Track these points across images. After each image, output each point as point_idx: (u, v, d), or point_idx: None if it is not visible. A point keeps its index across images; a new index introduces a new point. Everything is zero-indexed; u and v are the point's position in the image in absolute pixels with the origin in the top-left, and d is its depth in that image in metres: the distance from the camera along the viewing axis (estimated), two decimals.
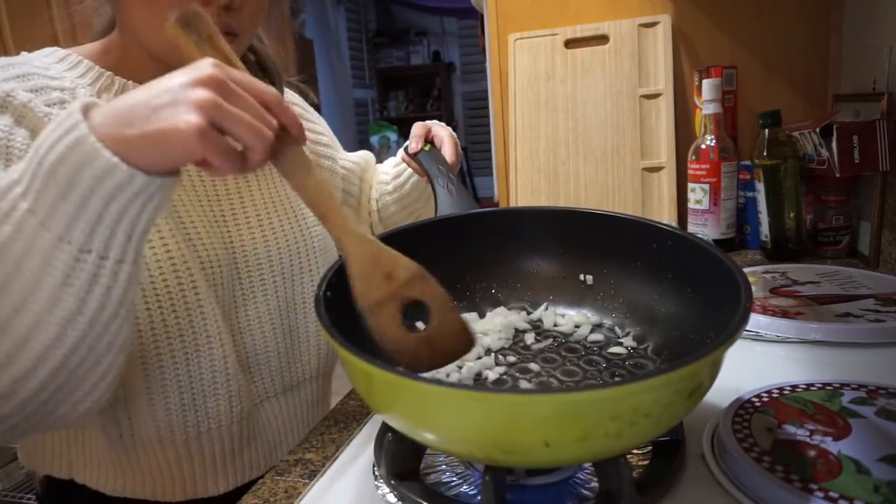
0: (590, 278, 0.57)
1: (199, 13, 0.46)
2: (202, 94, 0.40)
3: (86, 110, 0.41)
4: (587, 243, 0.58)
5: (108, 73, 0.63)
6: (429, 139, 0.79)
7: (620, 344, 0.55)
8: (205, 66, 0.41)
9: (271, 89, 0.44)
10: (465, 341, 0.49)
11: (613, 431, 0.36)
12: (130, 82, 0.64)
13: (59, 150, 0.40)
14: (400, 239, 0.57)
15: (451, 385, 0.36)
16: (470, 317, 0.59)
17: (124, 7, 0.60)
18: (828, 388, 0.54)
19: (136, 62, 0.64)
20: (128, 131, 0.40)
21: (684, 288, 0.52)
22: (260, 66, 0.76)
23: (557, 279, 0.59)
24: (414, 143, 0.79)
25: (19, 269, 0.41)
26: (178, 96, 0.40)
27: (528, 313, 0.60)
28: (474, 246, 0.55)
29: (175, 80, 0.41)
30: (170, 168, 0.42)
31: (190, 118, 0.39)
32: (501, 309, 0.60)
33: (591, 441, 0.36)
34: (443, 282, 0.55)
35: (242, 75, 0.43)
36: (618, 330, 0.57)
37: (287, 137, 0.45)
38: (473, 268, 0.60)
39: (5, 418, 0.45)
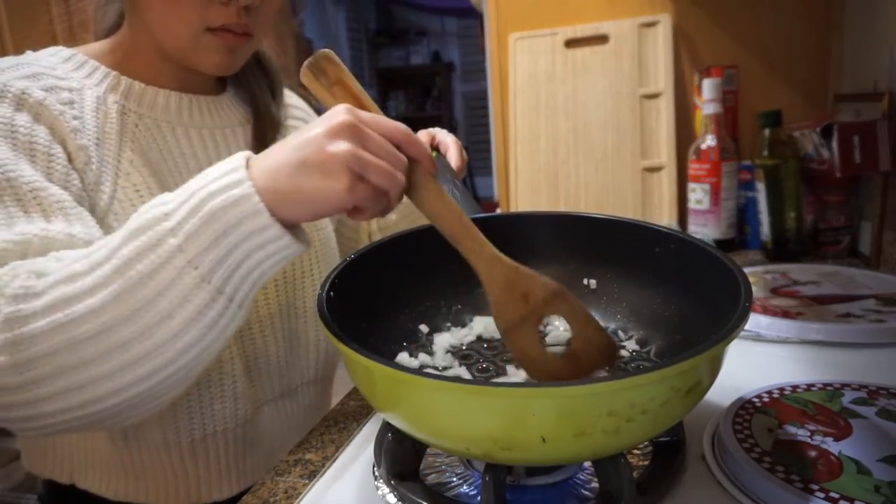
0: (593, 282, 0.58)
1: (329, 56, 0.47)
2: (344, 147, 0.42)
3: (247, 163, 0.44)
4: (590, 247, 0.58)
5: (115, 72, 0.63)
6: (434, 146, 0.79)
7: (624, 347, 0.55)
8: (338, 113, 0.44)
9: (400, 126, 0.46)
10: (608, 353, 0.50)
11: (611, 428, 0.36)
12: (137, 82, 0.63)
13: (221, 201, 0.42)
14: (404, 243, 0.57)
15: (451, 379, 0.37)
16: (477, 320, 0.60)
17: (141, 6, 0.60)
18: (828, 388, 0.54)
19: (145, 61, 0.64)
20: (280, 186, 0.43)
21: (687, 291, 0.52)
22: (262, 70, 0.76)
23: (561, 283, 0.60)
24: None
25: (157, 299, 0.43)
26: (321, 151, 0.42)
27: None
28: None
29: (314, 130, 0.43)
30: (314, 219, 0.45)
31: (340, 176, 0.42)
32: None
33: (589, 437, 0.36)
34: (446, 286, 0.55)
35: (373, 117, 0.45)
36: (621, 333, 0.57)
37: (417, 167, 0.47)
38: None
39: (64, 421, 0.45)
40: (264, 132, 0.72)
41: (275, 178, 0.43)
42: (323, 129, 0.43)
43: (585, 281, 0.59)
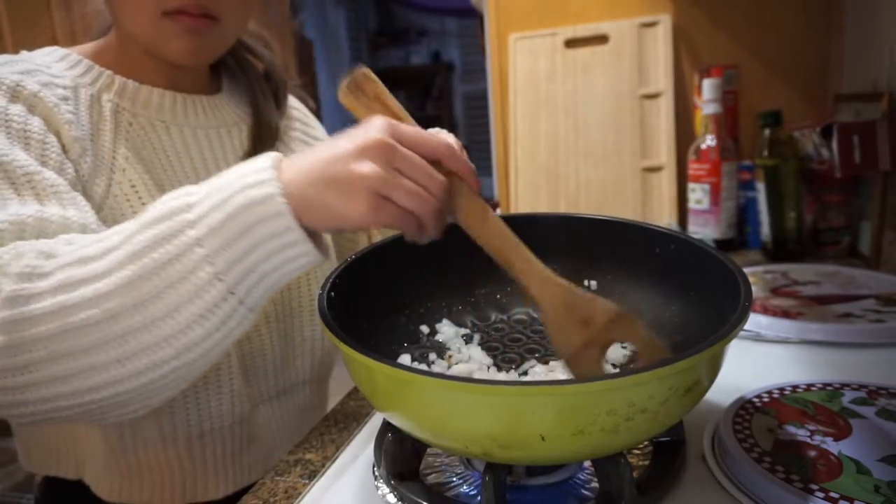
0: (593, 283, 0.58)
1: (367, 74, 0.47)
2: (370, 168, 0.41)
3: (277, 164, 0.43)
4: (591, 249, 0.58)
5: (108, 72, 0.63)
6: None
7: (625, 348, 0.55)
8: (373, 129, 0.43)
9: (442, 141, 0.45)
10: None
11: (610, 426, 0.36)
12: (130, 81, 0.64)
13: (246, 199, 0.41)
14: (405, 244, 0.57)
15: (451, 378, 0.37)
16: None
17: (112, 5, 0.60)
18: (828, 388, 0.54)
19: (135, 60, 0.64)
20: (308, 195, 0.42)
21: (687, 292, 0.52)
22: (266, 75, 0.75)
23: None
24: None
25: (167, 291, 0.42)
26: (348, 169, 0.41)
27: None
28: (479, 252, 0.55)
29: (347, 145, 0.42)
30: (337, 232, 0.45)
31: (362, 197, 0.41)
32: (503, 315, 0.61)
33: (588, 436, 0.36)
34: (446, 288, 0.55)
35: (411, 132, 0.44)
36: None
37: (461, 185, 0.46)
38: (477, 273, 0.60)
39: (57, 409, 0.45)
40: (262, 137, 0.71)
41: (303, 185, 0.42)
42: (354, 145, 0.42)
43: (586, 282, 0.59)
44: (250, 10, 0.65)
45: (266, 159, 0.44)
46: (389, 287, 0.56)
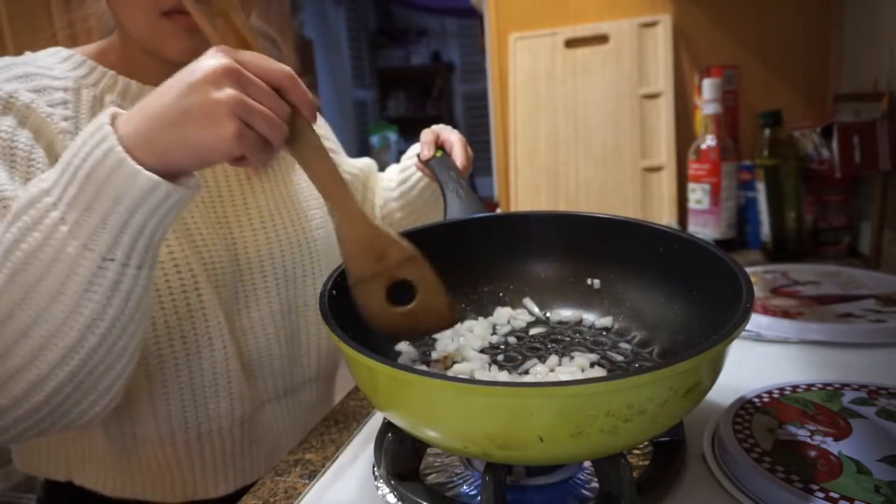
0: (597, 282, 0.58)
1: None
2: (228, 93, 0.40)
3: (113, 119, 0.42)
4: (595, 247, 0.58)
5: (111, 72, 0.63)
6: (439, 144, 0.79)
7: (626, 347, 0.55)
8: (216, 56, 0.42)
9: (282, 68, 0.44)
10: (444, 319, 0.52)
11: (608, 428, 0.36)
12: (133, 81, 0.64)
13: (90, 162, 0.41)
14: (410, 240, 0.57)
15: (450, 378, 0.37)
16: (477, 322, 0.60)
17: (112, 6, 0.60)
18: (828, 388, 0.54)
19: (136, 60, 0.64)
20: (160, 136, 0.41)
21: (690, 291, 0.52)
22: None
23: (565, 283, 0.60)
24: (426, 150, 0.78)
25: (44, 277, 0.42)
26: (205, 97, 0.40)
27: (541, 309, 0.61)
28: (482, 249, 0.56)
29: (195, 75, 0.41)
30: (202, 168, 0.43)
31: (226, 123, 0.40)
32: (508, 310, 0.61)
33: (586, 437, 0.36)
34: (450, 284, 0.56)
35: (254, 58, 0.43)
36: (624, 333, 0.57)
37: (298, 116, 0.45)
38: (480, 271, 0.61)
39: (17, 422, 0.46)
40: None
41: (152, 129, 0.41)
42: (202, 74, 0.41)
43: (589, 281, 0.59)
44: (251, 7, 0.65)
45: (102, 116, 0.43)
46: (391, 286, 0.56)
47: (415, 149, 0.85)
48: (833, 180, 1.00)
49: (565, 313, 0.60)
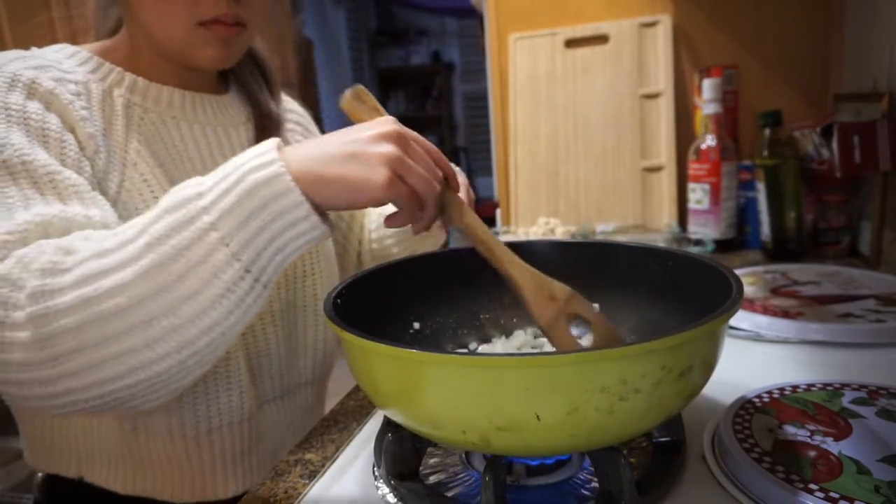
0: (596, 306, 0.59)
1: (365, 90, 0.53)
2: (390, 148, 0.46)
3: (279, 147, 0.46)
4: (593, 272, 0.60)
5: (119, 68, 0.63)
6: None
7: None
8: (388, 122, 0.48)
9: (434, 147, 0.51)
10: (616, 342, 0.55)
11: (604, 406, 0.37)
12: (140, 78, 0.64)
13: (253, 180, 0.44)
14: (413, 267, 0.60)
15: (445, 352, 0.38)
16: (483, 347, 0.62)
17: (134, 7, 0.60)
18: (828, 388, 0.54)
19: (146, 61, 0.65)
20: (322, 172, 0.45)
21: (685, 303, 0.53)
22: (257, 67, 0.76)
23: None
24: None
25: (186, 275, 0.43)
26: (369, 149, 0.46)
27: (536, 338, 0.62)
28: (483, 277, 0.57)
29: (364, 132, 0.47)
30: (347, 208, 0.47)
31: (381, 170, 0.45)
32: (506, 339, 0.63)
33: (582, 415, 0.37)
34: (453, 311, 0.59)
35: (416, 134, 0.50)
36: None
37: (447, 186, 0.52)
38: (482, 297, 0.63)
39: (94, 397, 0.45)
40: (265, 128, 0.72)
41: (313, 164, 0.45)
42: (371, 132, 0.46)
43: None
44: (269, 13, 0.66)
45: (268, 143, 0.46)
46: (395, 304, 0.57)
47: None
48: (833, 180, 1.00)
49: None
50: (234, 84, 0.75)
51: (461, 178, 0.80)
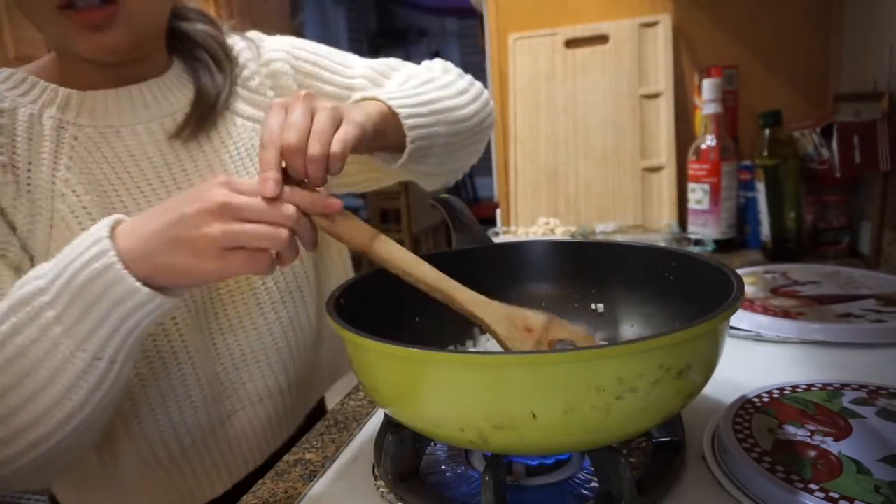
0: (601, 307, 0.59)
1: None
2: (214, 229, 0.44)
3: (112, 230, 0.47)
4: (598, 273, 0.60)
5: (53, 85, 0.60)
6: None
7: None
8: (212, 189, 0.45)
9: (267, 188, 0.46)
10: None
11: (601, 405, 0.37)
12: (74, 92, 0.60)
13: (88, 274, 0.45)
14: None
15: (443, 351, 0.38)
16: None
17: (21, 7, 0.57)
18: (828, 388, 0.54)
19: (71, 68, 0.61)
20: (154, 260, 0.45)
21: (691, 305, 0.52)
22: (213, 58, 0.68)
23: (570, 309, 0.61)
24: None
25: (36, 368, 0.46)
26: (193, 232, 0.44)
27: None
28: (487, 277, 0.57)
29: (189, 206, 0.45)
30: (193, 287, 0.49)
31: (209, 254, 0.44)
32: None
33: (578, 413, 0.37)
34: (455, 313, 0.58)
35: (250, 185, 0.46)
36: None
37: (339, 214, 0.48)
38: (484, 296, 0.62)
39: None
40: (202, 117, 0.65)
41: (146, 250, 0.45)
42: (195, 208, 0.44)
43: (593, 306, 0.61)
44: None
45: (101, 229, 0.46)
46: (397, 303, 0.57)
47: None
48: (833, 180, 1.00)
49: None
50: (176, 55, 0.68)
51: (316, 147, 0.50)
